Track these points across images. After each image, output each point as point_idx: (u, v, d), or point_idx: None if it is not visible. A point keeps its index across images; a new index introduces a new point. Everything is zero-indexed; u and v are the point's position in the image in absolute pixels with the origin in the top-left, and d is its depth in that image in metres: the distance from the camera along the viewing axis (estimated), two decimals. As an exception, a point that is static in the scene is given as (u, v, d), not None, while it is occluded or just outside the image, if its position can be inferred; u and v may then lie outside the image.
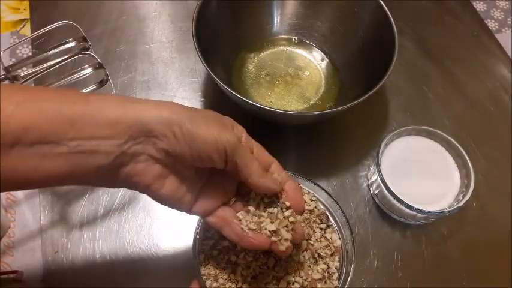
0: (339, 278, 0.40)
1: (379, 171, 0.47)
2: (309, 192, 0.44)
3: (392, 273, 0.46)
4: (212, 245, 0.40)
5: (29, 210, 0.49)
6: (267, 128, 0.49)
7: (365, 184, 0.52)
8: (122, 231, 0.47)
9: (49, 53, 0.46)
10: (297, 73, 0.59)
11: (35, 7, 0.65)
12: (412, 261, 0.47)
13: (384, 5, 0.53)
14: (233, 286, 0.38)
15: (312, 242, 0.40)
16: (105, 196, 0.49)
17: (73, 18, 0.51)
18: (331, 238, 0.41)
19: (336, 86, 0.58)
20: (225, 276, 0.38)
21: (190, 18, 0.49)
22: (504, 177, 0.53)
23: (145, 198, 0.49)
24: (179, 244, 0.47)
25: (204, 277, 0.38)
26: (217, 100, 0.57)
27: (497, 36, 0.68)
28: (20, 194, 0.50)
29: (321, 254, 0.40)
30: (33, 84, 0.51)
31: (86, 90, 0.43)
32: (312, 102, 0.56)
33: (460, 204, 0.45)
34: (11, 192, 0.50)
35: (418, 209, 0.44)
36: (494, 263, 0.48)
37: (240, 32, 0.59)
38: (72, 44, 0.47)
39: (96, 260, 0.45)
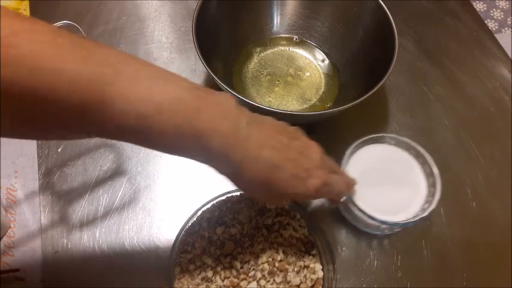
0: None
1: None
2: (299, 219, 0.43)
3: (392, 273, 0.46)
4: (190, 259, 0.40)
5: (29, 210, 0.49)
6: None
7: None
8: (122, 231, 0.47)
9: (49, 53, 0.46)
10: (298, 74, 0.59)
11: (35, 7, 0.65)
12: (412, 261, 0.47)
13: (384, 5, 0.53)
14: None
15: (291, 276, 0.40)
16: (105, 196, 0.49)
17: (73, 18, 0.52)
18: (314, 267, 0.41)
19: (336, 86, 0.58)
20: None
21: (190, 18, 0.49)
22: (504, 177, 0.53)
23: (145, 198, 0.49)
24: (179, 244, 0.47)
25: None
26: (217, 100, 0.57)
27: (497, 36, 0.68)
28: (20, 194, 0.50)
29: (301, 287, 0.39)
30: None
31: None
32: (311, 102, 0.56)
33: (424, 214, 0.43)
34: (11, 192, 0.50)
35: (380, 220, 0.43)
36: (494, 263, 0.48)
37: (240, 32, 0.59)
38: (72, 44, 0.47)
39: (96, 260, 0.45)
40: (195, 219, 0.43)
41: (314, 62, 0.60)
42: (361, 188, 0.44)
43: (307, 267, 0.40)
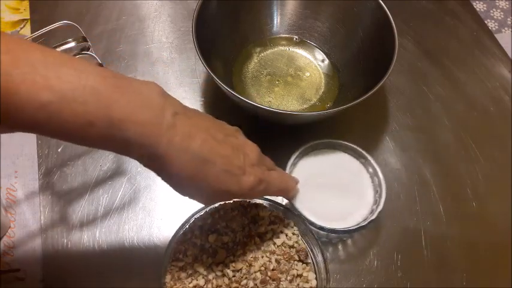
0: None
1: None
2: (292, 227, 0.43)
3: (392, 273, 0.46)
4: (181, 267, 0.40)
5: (29, 210, 0.49)
6: (267, 128, 0.50)
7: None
8: (122, 231, 0.47)
9: (49, 53, 0.46)
10: (298, 74, 0.59)
11: (35, 7, 0.65)
12: (412, 261, 0.47)
13: (384, 5, 0.53)
14: None
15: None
16: (105, 196, 0.49)
17: (73, 18, 0.52)
18: (307, 276, 0.40)
19: (336, 86, 0.58)
20: None
21: (190, 18, 0.49)
22: (504, 177, 0.53)
23: (145, 198, 0.49)
24: (179, 244, 0.47)
25: None
26: (217, 100, 0.57)
27: (497, 36, 0.68)
28: (20, 194, 0.50)
29: None
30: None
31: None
32: (311, 102, 0.56)
33: (372, 217, 0.42)
34: (11, 192, 0.50)
35: (320, 226, 0.42)
36: (494, 263, 0.48)
37: (240, 31, 0.59)
38: (73, 44, 0.47)
39: (96, 260, 0.45)
40: (187, 226, 0.42)
41: (314, 62, 0.60)
42: (305, 192, 0.44)
43: (300, 276, 0.40)
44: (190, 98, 0.57)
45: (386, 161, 0.53)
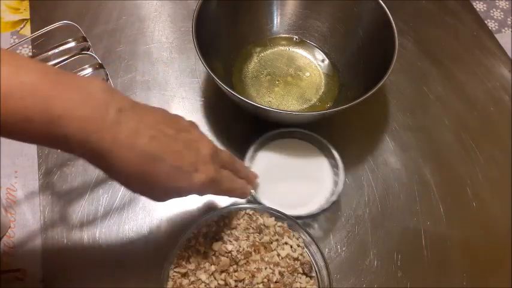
0: None
1: None
2: (298, 238, 0.42)
3: (392, 273, 0.46)
4: (184, 273, 0.40)
5: (29, 210, 0.49)
6: (267, 128, 0.49)
7: (365, 184, 0.52)
8: (122, 231, 0.47)
9: (49, 53, 0.46)
10: (298, 74, 0.59)
11: (35, 7, 0.65)
12: (412, 261, 0.47)
13: (384, 5, 0.53)
14: None
15: None
16: (105, 196, 0.49)
17: (73, 18, 0.51)
18: None
19: (336, 87, 0.58)
20: None
21: (190, 18, 0.49)
22: (504, 177, 0.53)
23: (145, 198, 0.49)
24: (179, 244, 0.47)
25: None
26: (217, 100, 0.57)
27: (497, 36, 0.68)
28: (20, 194, 0.50)
29: None
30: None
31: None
32: (311, 102, 0.56)
33: (333, 198, 0.44)
34: (11, 192, 0.50)
35: (283, 214, 0.43)
36: (494, 263, 0.48)
37: (240, 31, 0.59)
38: (72, 44, 0.47)
39: (96, 260, 0.45)
40: (191, 233, 0.42)
41: (314, 62, 0.60)
42: (266, 183, 0.45)
43: None
44: (190, 98, 0.57)
45: (387, 161, 0.53)
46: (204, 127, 0.55)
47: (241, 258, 0.40)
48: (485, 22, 0.69)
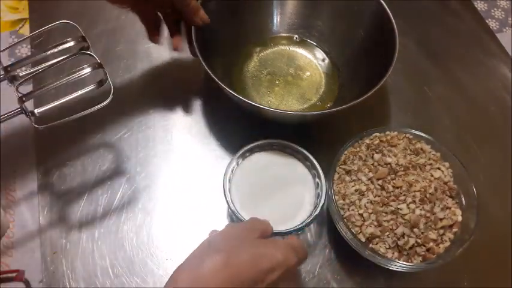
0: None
1: (227, 194, 0.44)
2: (447, 168, 0.46)
3: (393, 273, 0.46)
4: (348, 171, 0.46)
5: (28, 210, 0.48)
6: (267, 127, 0.49)
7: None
8: (121, 232, 0.47)
9: (48, 52, 0.46)
10: (298, 73, 0.59)
11: (34, 7, 0.64)
12: (412, 262, 0.47)
13: (385, 5, 0.52)
14: None
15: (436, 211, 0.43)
16: (104, 196, 0.49)
17: (72, 17, 0.51)
18: (455, 211, 0.44)
19: (336, 86, 0.58)
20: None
21: (190, 17, 0.49)
22: (504, 177, 0.53)
23: (144, 198, 0.49)
24: (178, 244, 0.47)
25: None
26: (217, 100, 0.57)
27: (498, 35, 0.68)
28: (19, 194, 0.50)
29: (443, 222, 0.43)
30: (32, 84, 0.51)
31: (84, 90, 0.43)
32: (312, 102, 0.56)
33: (316, 212, 0.43)
34: (10, 193, 0.50)
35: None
36: (494, 263, 0.48)
37: (240, 31, 0.58)
38: (71, 43, 0.47)
39: (95, 261, 0.45)
40: (357, 141, 0.48)
41: (314, 62, 0.60)
42: (249, 199, 0.44)
43: (449, 208, 0.44)
44: (190, 97, 0.57)
45: (387, 161, 0.53)
46: (204, 127, 0.55)
47: (399, 170, 0.45)
48: (486, 21, 0.69)
